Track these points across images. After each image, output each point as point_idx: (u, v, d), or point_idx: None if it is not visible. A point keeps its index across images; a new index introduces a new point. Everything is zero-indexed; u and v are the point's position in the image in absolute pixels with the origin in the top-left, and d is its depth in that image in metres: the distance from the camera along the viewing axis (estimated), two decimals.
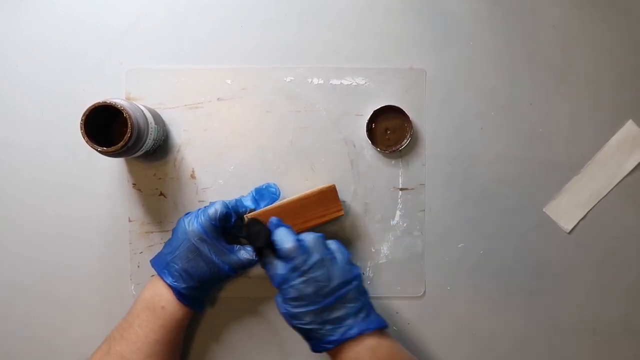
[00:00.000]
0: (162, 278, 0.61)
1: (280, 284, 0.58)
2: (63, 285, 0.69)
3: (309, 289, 0.57)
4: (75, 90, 0.68)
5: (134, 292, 0.69)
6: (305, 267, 0.57)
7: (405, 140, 0.68)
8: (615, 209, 0.70)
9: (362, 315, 0.58)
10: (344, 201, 0.69)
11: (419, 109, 0.69)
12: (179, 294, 0.61)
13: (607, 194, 0.70)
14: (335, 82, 0.69)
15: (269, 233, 0.60)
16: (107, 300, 0.69)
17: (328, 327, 0.57)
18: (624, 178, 0.70)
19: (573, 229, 0.70)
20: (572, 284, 0.70)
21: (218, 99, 0.69)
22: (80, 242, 0.69)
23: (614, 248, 0.71)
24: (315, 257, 0.58)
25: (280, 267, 0.58)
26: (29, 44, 0.69)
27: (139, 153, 0.62)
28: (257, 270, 0.69)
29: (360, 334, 0.57)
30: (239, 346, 0.69)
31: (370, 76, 0.69)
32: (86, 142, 0.57)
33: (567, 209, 0.70)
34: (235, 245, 0.64)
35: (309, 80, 0.69)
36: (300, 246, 0.58)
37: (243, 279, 0.69)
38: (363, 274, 0.69)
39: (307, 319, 0.57)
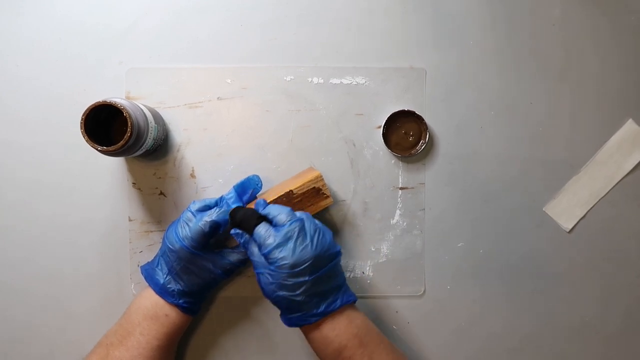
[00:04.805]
0: (161, 298, 0.62)
1: (277, 247, 0.56)
2: (63, 285, 0.69)
3: (307, 253, 0.56)
4: (75, 90, 0.68)
5: (134, 292, 0.69)
6: (304, 231, 0.57)
7: (421, 144, 0.68)
8: (615, 208, 0.70)
9: (343, 289, 0.60)
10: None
11: (419, 108, 0.69)
12: (180, 307, 0.62)
13: (607, 193, 0.70)
14: (335, 81, 0.69)
15: (255, 212, 0.60)
16: (107, 299, 0.69)
17: (316, 299, 0.57)
18: (624, 177, 0.70)
19: (573, 228, 0.70)
20: (572, 283, 0.70)
21: (218, 98, 0.69)
22: (80, 241, 0.69)
23: (614, 247, 0.70)
24: (310, 223, 0.58)
25: (276, 234, 0.57)
26: (29, 44, 0.69)
27: (139, 152, 0.62)
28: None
29: (341, 306, 0.58)
30: (237, 345, 0.69)
31: (371, 75, 0.69)
32: (86, 141, 0.57)
33: (567, 208, 0.70)
34: (223, 250, 0.64)
35: (309, 79, 0.69)
36: (294, 215, 0.59)
37: (242, 279, 0.69)
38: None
39: (300, 289, 0.56)
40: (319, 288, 0.57)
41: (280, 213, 0.58)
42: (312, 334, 0.59)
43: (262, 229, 0.58)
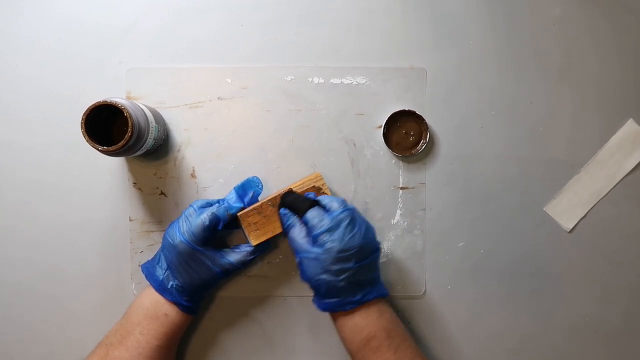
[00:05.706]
0: (161, 295, 0.62)
1: (328, 230, 0.58)
2: (63, 285, 0.69)
3: (355, 241, 0.58)
4: (75, 90, 0.68)
5: (134, 292, 0.69)
6: (354, 220, 0.59)
7: (421, 144, 0.68)
8: (615, 208, 0.70)
9: (379, 282, 0.62)
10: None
11: (420, 108, 0.69)
12: (180, 305, 0.62)
13: (607, 193, 0.70)
14: (335, 81, 0.69)
15: (307, 197, 0.62)
16: (108, 299, 0.69)
17: (354, 287, 0.59)
18: (624, 177, 0.70)
19: (573, 228, 0.70)
20: (573, 283, 0.70)
21: (218, 98, 0.69)
22: (81, 242, 0.69)
23: (614, 247, 0.71)
24: (358, 214, 0.61)
25: (328, 219, 0.59)
26: (29, 44, 0.69)
27: (139, 152, 0.62)
28: (257, 269, 0.69)
29: (375, 298, 0.60)
30: (237, 345, 0.69)
31: (371, 75, 0.69)
32: (87, 141, 0.57)
33: (568, 208, 0.70)
34: (223, 249, 0.64)
35: (310, 79, 0.69)
36: (346, 204, 0.61)
37: (241, 278, 0.69)
38: None
39: (343, 275, 0.58)
40: (360, 277, 0.59)
41: (333, 200, 0.61)
42: (344, 321, 0.60)
43: (315, 212, 0.60)
